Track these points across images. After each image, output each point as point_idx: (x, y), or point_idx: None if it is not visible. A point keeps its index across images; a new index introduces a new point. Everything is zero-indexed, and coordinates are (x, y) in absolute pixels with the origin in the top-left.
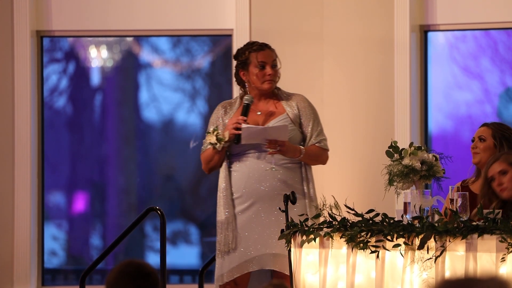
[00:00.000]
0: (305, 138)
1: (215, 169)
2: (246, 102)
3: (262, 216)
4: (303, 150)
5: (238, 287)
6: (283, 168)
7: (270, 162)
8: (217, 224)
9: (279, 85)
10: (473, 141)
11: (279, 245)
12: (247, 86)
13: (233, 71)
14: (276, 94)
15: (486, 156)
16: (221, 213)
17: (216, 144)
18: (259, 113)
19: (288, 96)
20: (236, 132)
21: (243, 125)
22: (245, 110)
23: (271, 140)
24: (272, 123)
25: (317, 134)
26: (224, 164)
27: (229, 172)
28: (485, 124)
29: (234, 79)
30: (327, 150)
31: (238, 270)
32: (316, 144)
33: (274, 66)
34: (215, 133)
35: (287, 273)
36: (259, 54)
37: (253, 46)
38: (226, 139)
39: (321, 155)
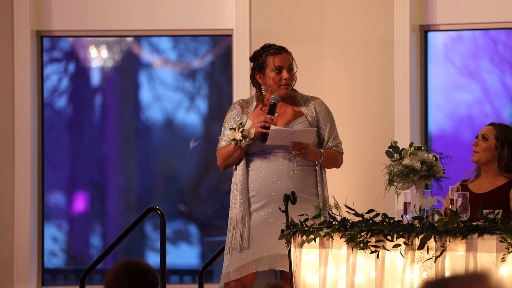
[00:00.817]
0: (321, 141)
1: (231, 166)
2: (272, 101)
3: (274, 217)
4: (323, 153)
5: (245, 287)
6: (300, 170)
7: (290, 164)
8: (230, 220)
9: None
10: (476, 137)
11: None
12: (263, 88)
13: (234, 70)
14: (293, 97)
15: (485, 156)
16: (236, 210)
17: (241, 140)
18: (276, 114)
19: (305, 99)
20: (264, 130)
21: (272, 127)
22: (272, 109)
23: (296, 142)
24: (292, 125)
25: (334, 138)
26: (243, 162)
27: (247, 170)
28: (491, 124)
29: (234, 79)
30: (342, 153)
31: (246, 269)
32: (333, 148)
33: (290, 70)
34: (240, 129)
35: None
36: (276, 58)
37: (270, 49)
38: (252, 136)
39: (337, 159)
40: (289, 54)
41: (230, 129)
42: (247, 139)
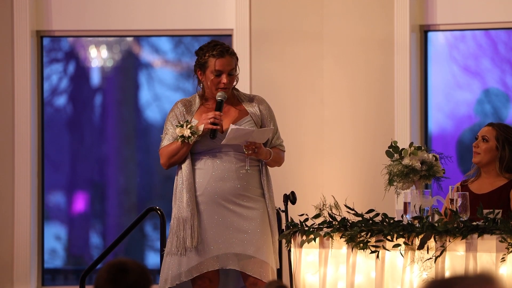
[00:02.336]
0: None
1: (175, 164)
2: (219, 98)
3: (222, 215)
4: (271, 153)
5: (212, 283)
6: (249, 170)
7: (245, 163)
8: (175, 221)
9: (278, 85)
10: (476, 139)
11: (241, 245)
12: (204, 85)
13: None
14: (236, 96)
15: (487, 158)
16: (183, 210)
17: (189, 137)
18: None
19: (248, 98)
20: (213, 127)
21: (232, 126)
22: (219, 106)
23: (251, 142)
24: (238, 125)
25: (277, 137)
26: (188, 161)
27: (193, 169)
28: (490, 124)
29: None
30: (284, 151)
31: (197, 269)
32: (277, 146)
33: (230, 74)
34: (188, 126)
35: (249, 273)
36: (217, 61)
37: (213, 51)
38: (200, 132)
39: (281, 157)
40: (233, 57)
41: (177, 126)
42: (196, 136)
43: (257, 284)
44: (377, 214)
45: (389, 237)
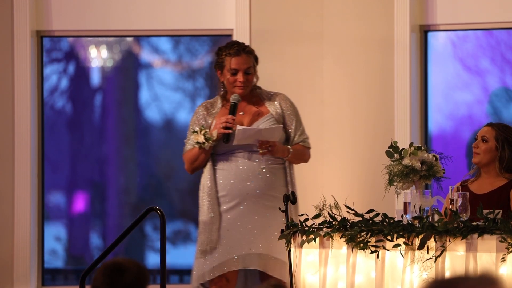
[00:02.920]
0: (288, 137)
1: (198, 169)
2: (233, 101)
3: (247, 216)
4: (290, 150)
5: (230, 283)
6: (268, 169)
7: (260, 163)
8: (200, 223)
9: (278, 85)
10: (476, 139)
11: (263, 245)
12: (225, 85)
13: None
14: (258, 94)
15: (487, 158)
16: (205, 213)
17: (204, 143)
18: (242, 113)
19: (270, 96)
20: (226, 131)
21: (239, 127)
22: (233, 110)
23: (263, 140)
24: (258, 123)
25: (301, 133)
26: (209, 164)
27: (214, 171)
28: (489, 124)
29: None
30: (309, 148)
31: (220, 269)
32: (300, 143)
33: (247, 73)
34: (202, 132)
35: (271, 273)
36: (233, 59)
37: (230, 49)
38: (215, 138)
39: (305, 154)
40: (250, 56)
41: (193, 132)
42: (210, 141)
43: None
44: (377, 214)
45: (389, 237)
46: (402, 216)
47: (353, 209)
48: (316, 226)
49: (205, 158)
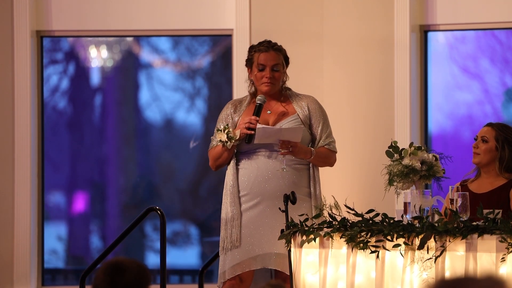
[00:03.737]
0: (314, 139)
1: (222, 166)
2: (258, 102)
3: (267, 215)
4: (313, 152)
5: (243, 283)
6: (291, 169)
7: (281, 162)
8: (221, 221)
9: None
10: (475, 139)
11: (282, 244)
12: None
13: (233, 70)
14: (286, 95)
15: (487, 158)
16: (227, 210)
17: (226, 142)
18: (269, 112)
19: (298, 97)
20: (248, 132)
21: (259, 125)
22: (258, 110)
23: (284, 140)
24: (283, 123)
25: (326, 136)
26: (232, 162)
27: (237, 169)
28: (489, 124)
29: (234, 79)
30: (335, 152)
31: (240, 268)
32: (325, 146)
33: (275, 70)
34: (226, 131)
35: (287, 272)
36: (261, 55)
37: (260, 46)
38: (237, 137)
39: (330, 157)
40: (279, 53)
41: (217, 130)
42: (233, 141)
43: (286, 280)
44: (377, 214)
45: (389, 237)
46: (402, 216)
47: (353, 209)
48: (316, 226)
49: (229, 156)
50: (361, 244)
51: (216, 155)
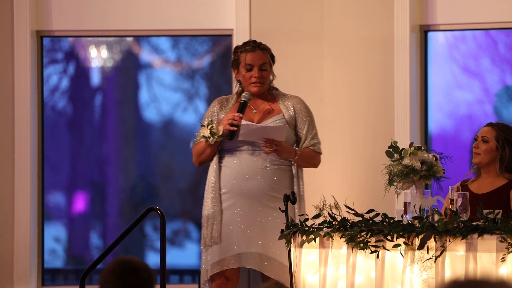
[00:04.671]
0: (299, 140)
1: (205, 162)
2: (243, 99)
3: (247, 214)
4: (298, 152)
5: (230, 282)
6: (273, 169)
7: (264, 161)
8: (203, 218)
9: (278, 85)
10: (475, 139)
11: (261, 245)
12: (241, 83)
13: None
14: (273, 94)
15: (487, 158)
16: (208, 207)
17: (209, 137)
18: (254, 111)
19: (285, 97)
20: (231, 128)
21: (243, 122)
22: (242, 107)
23: (268, 139)
24: (268, 122)
25: (312, 137)
26: (215, 159)
27: (220, 167)
28: (490, 124)
29: (233, 79)
30: (320, 153)
31: (220, 266)
32: (310, 147)
33: (262, 69)
34: (209, 126)
35: (267, 274)
36: (248, 55)
37: (246, 46)
38: (220, 133)
39: (314, 158)
40: (265, 53)
41: (201, 126)
42: (215, 137)
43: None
44: (377, 214)
45: (389, 237)
46: (402, 216)
47: (353, 209)
48: (316, 226)
49: (211, 153)
50: (361, 244)
51: (199, 151)
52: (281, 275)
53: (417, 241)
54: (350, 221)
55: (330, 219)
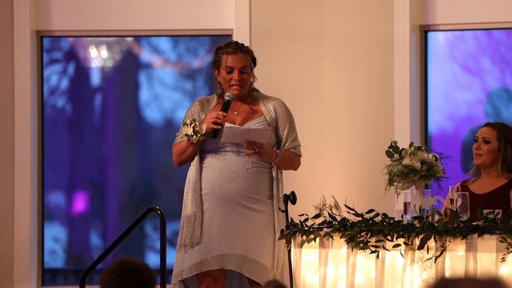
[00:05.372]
0: (279, 142)
1: (185, 162)
2: (227, 98)
3: (228, 215)
4: (279, 154)
5: (217, 283)
6: (254, 170)
7: (246, 163)
8: (182, 218)
9: (278, 85)
10: (476, 141)
11: (242, 247)
12: (221, 84)
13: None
14: (254, 96)
15: (490, 159)
16: (188, 208)
17: (192, 136)
18: (236, 113)
19: (266, 99)
20: (215, 126)
21: (227, 124)
22: (225, 106)
23: (251, 141)
24: (249, 124)
25: (292, 140)
26: (196, 159)
27: (201, 167)
28: (489, 125)
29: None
30: (300, 156)
31: (199, 267)
32: (291, 149)
33: (243, 72)
34: (192, 125)
35: (248, 275)
36: (229, 57)
37: (228, 48)
38: (203, 132)
39: (294, 160)
40: (247, 55)
41: (184, 124)
42: (198, 135)
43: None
44: (377, 214)
45: (389, 237)
46: (402, 216)
47: (353, 209)
48: (316, 226)
49: (193, 152)
50: (361, 244)
51: (180, 150)
52: (261, 277)
53: (417, 241)
54: (350, 221)
55: (330, 219)
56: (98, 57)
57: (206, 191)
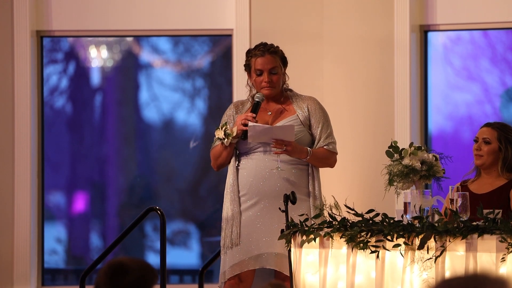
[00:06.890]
0: (314, 140)
1: (223, 166)
2: (256, 99)
3: (265, 215)
4: (310, 152)
5: (243, 283)
6: (289, 169)
7: (276, 161)
8: (222, 220)
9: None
10: (476, 141)
11: (281, 245)
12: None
13: (233, 71)
14: (287, 96)
15: (490, 159)
16: (227, 209)
17: (224, 139)
18: (269, 113)
19: (299, 98)
20: (244, 128)
21: (250, 124)
22: (255, 108)
23: (278, 140)
24: (281, 123)
25: (326, 137)
26: (232, 161)
27: (237, 169)
28: (488, 125)
29: (234, 79)
30: (335, 153)
31: (239, 267)
32: (324, 147)
33: (273, 73)
34: (223, 128)
35: (286, 273)
36: (257, 60)
37: (256, 50)
38: (234, 134)
39: (328, 158)
40: (275, 56)
41: (217, 128)
42: (230, 137)
43: (286, 280)
44: (377, 214)
45: (389, 237)
46: (402, 216)
47: (353, 209)
48: (316, 226)
49: (228, 155)
50: (361, 244)
51: (216, 154)
52: None
53: (417, 241)
54: (350, 221)
55: (330, 219)
56: (98, 57)
57: (243, 192)
